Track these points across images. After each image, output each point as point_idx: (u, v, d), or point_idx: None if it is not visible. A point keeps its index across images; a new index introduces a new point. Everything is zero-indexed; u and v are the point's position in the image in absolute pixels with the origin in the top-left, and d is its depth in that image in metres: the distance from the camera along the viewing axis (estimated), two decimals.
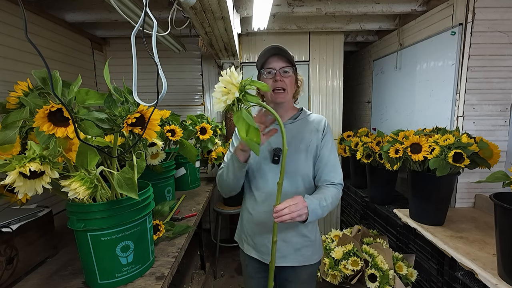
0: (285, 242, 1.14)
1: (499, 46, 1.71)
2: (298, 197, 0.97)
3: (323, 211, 1.01)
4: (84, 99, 0.86)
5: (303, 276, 1.17)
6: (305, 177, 1.13)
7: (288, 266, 1.15)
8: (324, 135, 1.14)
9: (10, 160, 0.73)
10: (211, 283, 2.45)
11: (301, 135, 1.14)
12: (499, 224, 1.13)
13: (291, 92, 1.13)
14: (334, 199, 1.06)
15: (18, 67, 1.73)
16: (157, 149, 1.51)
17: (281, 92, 1.09)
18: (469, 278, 1.33)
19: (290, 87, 1.11)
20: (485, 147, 1.44)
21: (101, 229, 0.92)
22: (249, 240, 1.22)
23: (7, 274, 1.00)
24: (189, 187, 2.27)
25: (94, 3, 2.06)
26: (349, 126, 3.45)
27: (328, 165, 1.12)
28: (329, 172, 1.11)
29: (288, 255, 1.14)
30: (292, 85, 1.12)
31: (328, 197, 1.04)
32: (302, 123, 1.17)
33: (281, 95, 1.09)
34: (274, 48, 1.06)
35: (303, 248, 1.15)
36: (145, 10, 0.74)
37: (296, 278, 1.17)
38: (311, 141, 1.13)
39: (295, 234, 1.13)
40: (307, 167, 1.13)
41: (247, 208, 1.21)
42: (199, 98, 3.07)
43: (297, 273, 1.17)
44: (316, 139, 1.13)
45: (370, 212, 2.36)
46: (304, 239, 1.14)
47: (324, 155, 1.13)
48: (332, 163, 1.13)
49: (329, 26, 2.62)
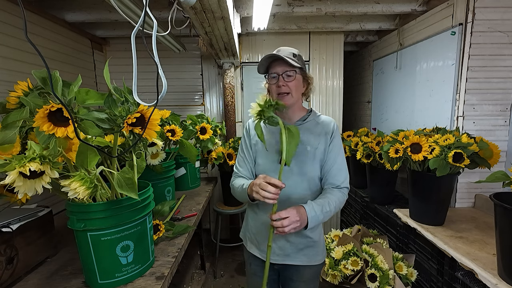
0: (288, 242, 1.15)
1: (499, 46, 1.71)
2: (292, 210, 0.97)
3: (325, 216, 1.03)
4: (84, 99, 0.86)
5: (306, 276, 1.18)
6: (311, 180, 1.13)
7: (291, 265, 1.17)
8: (333, 139, 1.13)
9: (10, 160, 0.73)
10: (211, 283, 2.45)
11: (308, 137, 1.13)
12: (499, 224, 1.13)
13: (296, 95, 1.12)
14: (338, 203, 1.08)
15: (18, 67, 1.73)
16: (157, 149, 1.51)
17: (285, 95, 1.09)
18: (469, 278, 1.33)
19: (295, 90, 1.10)
20: (485, 147, 1.44)
21: (101, 229, 0.92)
22: (253, 239, 1.23)
23: (7, 274, 1.00)
24: (189, 187, 2.27)
25: (94, 3, 2.06)
26: (349, 126, 3.45)
27: (334, 168, 1.12)
28: (335, 175, 1.12)
29: (291, 254, 1.15)
30: (297, 87, 1.11)
31: (332, 201, 1.05)
32: (311, 125, 1.16)
33: (285, 98, 1.10)
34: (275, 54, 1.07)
35: (306, 248, 1.15)
36: (145, 10, 0.74)
37: (299, 277, 1.18)
38: (318, 144, 1.12)
39: (298, 234, 1.14)
40: (313, 170, 1.12)
41: (253, 207, 1.22)
42: (199, 98, 3.07)
43: (300, 273, 1.18)
44: (324, 142, 1.13)
45: (370, 212, 2.36)
46: (307, 239, 1.15)
47: (331, 158, 1.13)
48: (339, 166, 1.13)
49: (329, 26, 2.62)
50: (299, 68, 1.09)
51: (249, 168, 1.21)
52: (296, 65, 1.06)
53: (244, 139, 1.25)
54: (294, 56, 1.09)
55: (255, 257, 1.23)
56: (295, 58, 1.08)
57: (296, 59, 1.08)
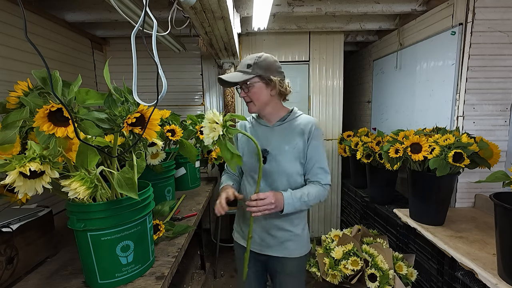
0: (269, 235, 1.22)
1: (499, 46, 1.71)
2: (270, 193, 1.08)
3: (302, 205, 1.13)
4: (84, 99, 0.86)
5: (290, 268, 1.24)
6: (290, 177, 1.18)
7: (274, 256, 1.23)
8: (312, 138, 1.18)
9: (10, 160, 0.73)
10: (211, 283, 2.45)
11: (287, 137, 1.19)
12: (499, 224, 1.13)
13: (259, 102, 1.17)
14: (317, 195, 1.16)
15: (18, 67, 1.73)
16: (157, 149, 1.51)
17: (249, 103, 1.19)
18: (469, 278, 1.33)
19: (256, 98, 1.16)
20: (485, 147, 1.44)
21: (101, 229, 0.92)
22: (239, 230, 1.35)
23: (7, 274, 1.00)
24: (189, 187, 2.27)
25: (94, 3, 2.06)
26: (349, 126, 3.45)
27: (315, 167, 1.19)
28: (316, 174, 1.19)
29: (273, 246, 1.23)
30: (258, 94, 1.15)
31: (312, 193, 1.14)
32: (290, 125, 1.21)
33: (249, 106, 1.19)
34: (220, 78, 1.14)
35: (286, 241, 1.21)
36: (145, 10, 0.74)
37: (283, 269, 1.25)
38: (297, 143, 1.17)
39: (279, 228, 1.21)
40: (292, 168, 1.18)
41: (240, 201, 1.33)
42: (199, 98, 3.07)
43: (283, 265, 1.24)
44: (302, 141, 1.18)
45: (370, 212, 2.36)
46: (289, 233, 1.21)
47: (312, 157, 1.19)
48: (320, 165, 1.19)
49: (329, 26, 2.62)
50: (257, 76, 1.13)
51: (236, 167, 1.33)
52: (246, 78, 1.11)
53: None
54: (249, 67, 1.12)
55: (240, 245, 1.33)
56: (249, 68, 1.12)
57: (250, 69, 1.12)
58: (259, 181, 1.09)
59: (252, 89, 1.14)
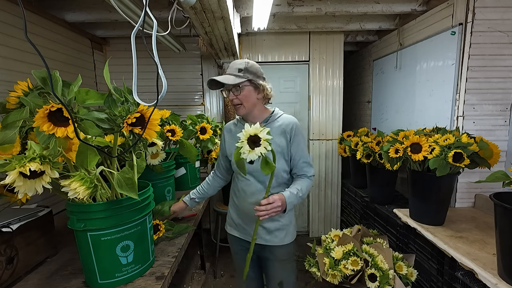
0: (261, 226, 1.32)
1: (499, 46, 1.71)
2: (276, 196, 1.16)
3: (299, 200, 1.25)
4: (84, 99, 0.86)
5: (280, 255, 1.35)
6: (276, 174, 1.27)
7: (265, 245, 1.33)
8: (294, 137, 1.27)
9: (10, 160, 0.73)
10: (211, 283, 2.45)
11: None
12: (499, 224, 1.13)
13: (248, 104, 1.25)
14: (307, 187, 1.31)
15: (18, 67, 1.73)
16: (157, 149, 1.51)
17: (238, 106, 1.25)
18: (469, 278, 1.33)
19: (246, 101, 1.24)
20: (485, 147, 1.44)
21: (101, 229, 0.92)
22: (232, 223, 1.43)
23: (7, 274, 1.00)
24: (189, 187, 2.26)
25: (94, 3, 2.06)
26: (349, 126, 3.45)
27: (300, 162, 1.30)
28: (302, 168, 1.30)
29: (263, 235, 1.32)
30: (248, 97, 1.23)
31: (303, 187, 1.27)
32: (272, 125, 1.29)
33: (238, 108, 1.26)
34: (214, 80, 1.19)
35: (276, 231, 1.32)
36: (145, 10, 0.74)
37: (273, 256, 1.35)
38: (279, 142, 1.26)
39: (269, 219, 1.29)
40: (277, 165, 1.23)
41: (233, 198, 1.42)
42: (199, 98, 3.07)
43: (273, 253, 1.34)
44: (284, 140, 1.26)
45: (370, 212, 2.36)
46: (278, 223, 1.32)
47: (296, 153, 1.28)
48: (304, 160, 1.30)
49: (329, 26, 2.62)
50: (248, 80, 1.21)
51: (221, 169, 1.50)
52: (239, 81, 1.19)
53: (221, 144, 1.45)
54: (240, 71, 1.21)
55: (235, 238, 1.42)
56: (240, 72, 1.21)
57: (242, 73, 1.20)
58: (269, 187, 1.13)
59: (243, 92, 1.22)
